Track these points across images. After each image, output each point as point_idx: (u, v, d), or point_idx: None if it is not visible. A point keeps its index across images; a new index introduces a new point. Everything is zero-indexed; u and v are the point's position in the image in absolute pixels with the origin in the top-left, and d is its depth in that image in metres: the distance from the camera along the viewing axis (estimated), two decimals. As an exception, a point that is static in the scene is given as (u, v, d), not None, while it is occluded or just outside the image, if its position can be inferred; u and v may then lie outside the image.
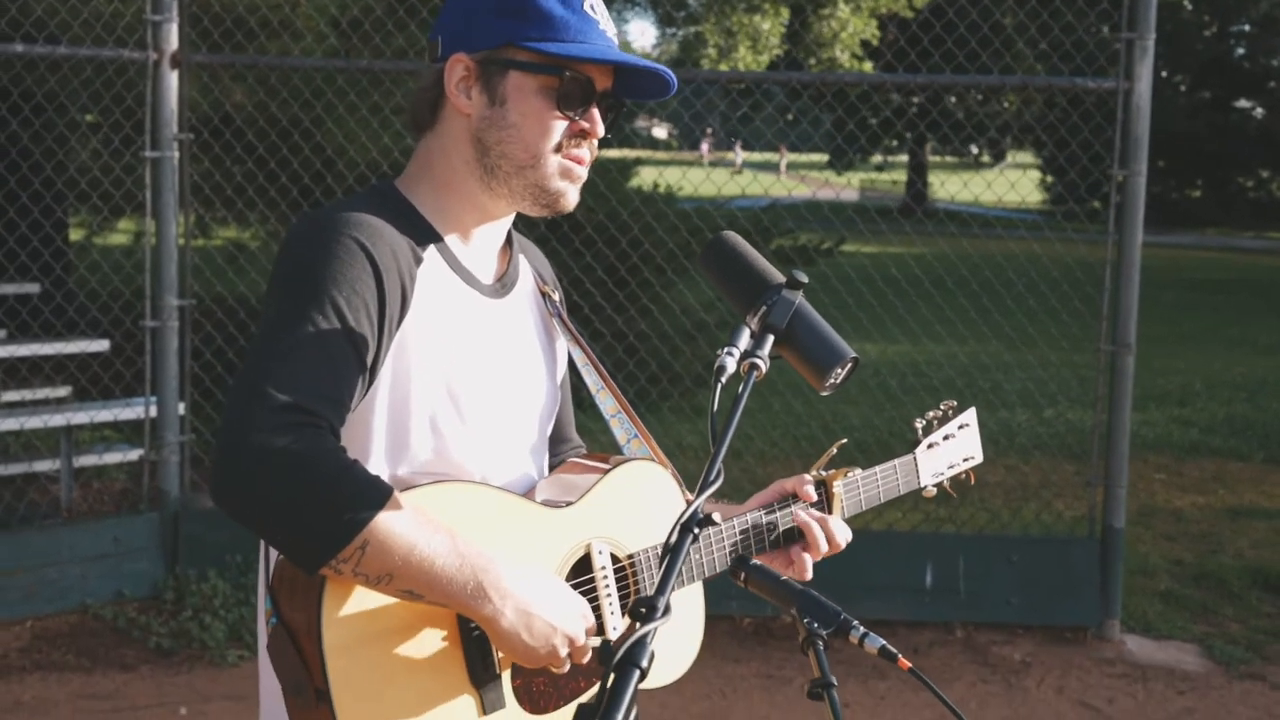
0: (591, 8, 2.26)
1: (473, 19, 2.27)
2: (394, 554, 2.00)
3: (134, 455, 7.44)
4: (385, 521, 1.98)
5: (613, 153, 12.90)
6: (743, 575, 2.17)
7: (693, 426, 9.73)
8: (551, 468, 2.57)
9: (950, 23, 7.57)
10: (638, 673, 1.61)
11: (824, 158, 46.24)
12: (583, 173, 2.31)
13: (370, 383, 2.15)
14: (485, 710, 2.20)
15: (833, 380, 2.08)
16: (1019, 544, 6.76)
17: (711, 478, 1.83)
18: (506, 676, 2.23)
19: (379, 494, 1.99)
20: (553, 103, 2.25)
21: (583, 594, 2.28)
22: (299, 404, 1.99)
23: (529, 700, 2.27)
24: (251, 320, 7.12)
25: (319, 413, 2.01)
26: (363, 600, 2.07)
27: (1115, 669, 6.29)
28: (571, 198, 2.32)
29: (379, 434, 2.21)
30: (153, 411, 6.68)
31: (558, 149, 2.27)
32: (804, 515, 2.54)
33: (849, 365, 2.08)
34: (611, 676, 1.61)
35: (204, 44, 6.69)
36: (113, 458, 7.65)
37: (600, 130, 2.30)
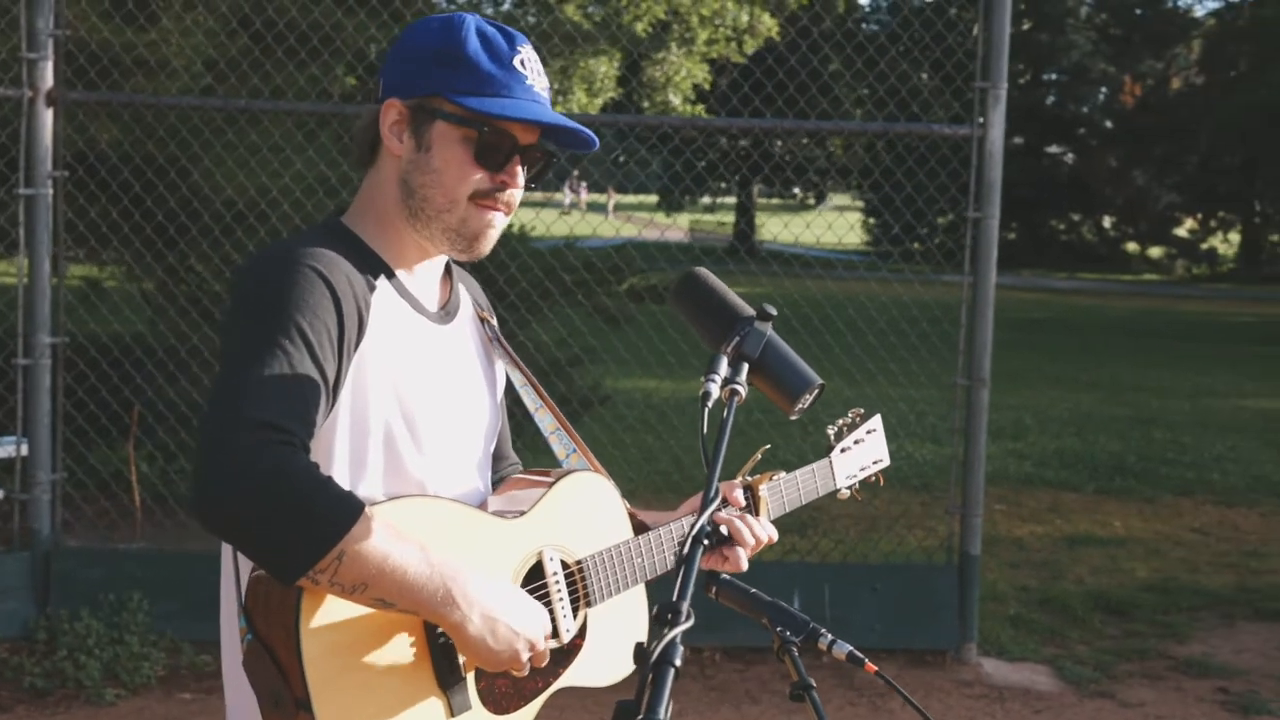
0: (521, 64, 2.40)
1: (409, 66, 2.42)
2: (369, 564, 2.11)
3: (-1, 494, 7.34)
4: (360, 533, 2.10)
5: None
6: (714, 589, 2.34)
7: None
8: (495, 483, 2.73)
9: (791, 69, 7.86)
10: (673, 670, 1.76)
11: (652, 198, 46.75)
12: (498, 221, 2.45)
13: (332, 404, 2.27)
14: (453, 712, 2.34)
15: (801, 405, 2.26)
16: (881, 572, 7.01)
17: (711, 495, 1.98)
18: (471, 679, 2.37)
19: (353, 507, 2.11)
20: (472, 154, 2.39)
21: (536, 598, 2.43)
22: (274, 422, 2.10)
23: (492, 702, 2.42)
24: (125, 358, 7.09)
25: (293, 430, 2.12)
26: (336, 612, 2.19)
27: (974, 690, 6.55)
28: (485, 245, 2.45)
29: (340, 453, 2.33)
30: (24, 450, 6.62)
31: (474, 197, 2.40)
32: (725, 515, 2.76)
33: (816, 391, 2.26)
34: (650, 676, 1.75)
35: (79, 82, 6.68)
36: (-20, 497, 7.54)
37: (518, 183, 2.44)
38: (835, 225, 9.06)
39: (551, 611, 2.48)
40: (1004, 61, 6.64)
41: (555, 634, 2.47)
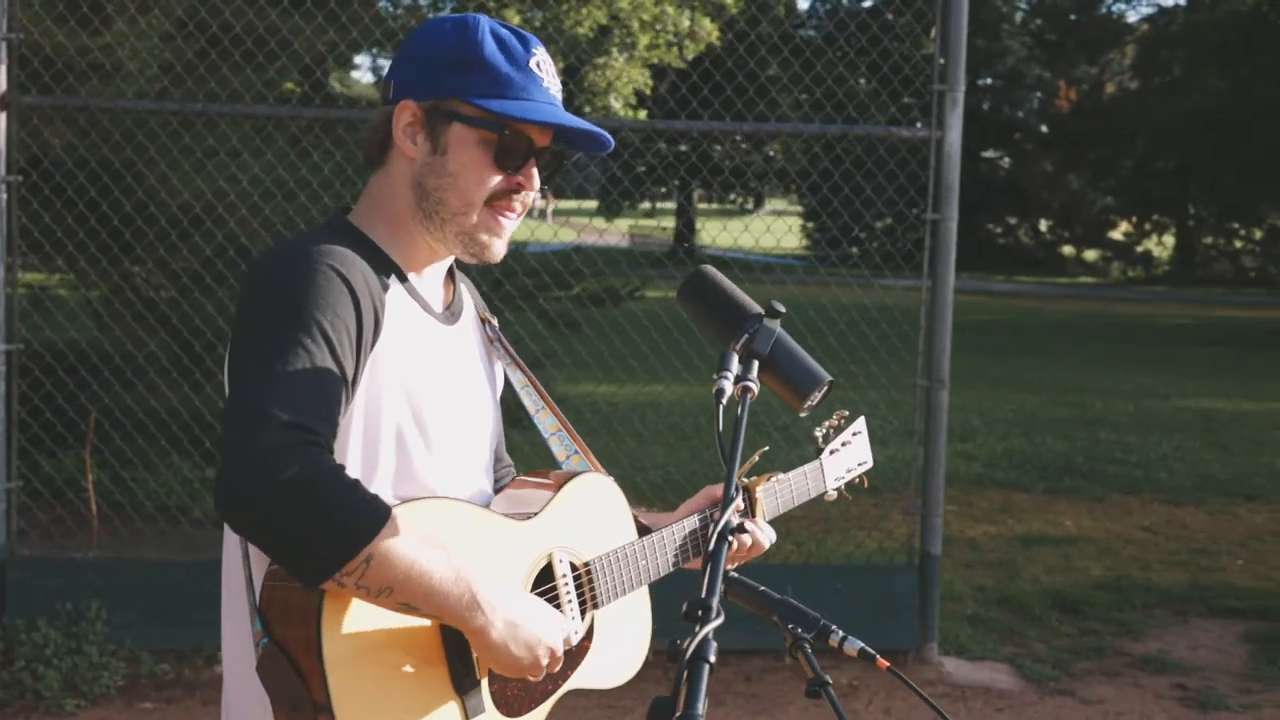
0: (537, 65, 2.39)
1: (424, 69, 2.39)
2: (396, 568, 2.10)
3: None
4: (388, 537, 2.08)
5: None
6: (724, 588, 2.33)
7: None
8: (495, 484, 2.71)
9: (728, 72, 7.91)
10: (708, 667, 1.76)
11: (591, 203, 46.75)
12: (511, 225, 2.44)
13: (349, 402, 2.25)
14: (468, 715, 2.33)
15: (811, 402, 2.26)
16: (842, 573, 7.04)
17: (732, 494, 1.98)
18: (485, 683, 2.36)
19: (380, 511, 2.09)
20: (490, 157, 2.37)
21: (546, 600, 2.43)
22: (301, 422, 2.08)
23: (505, 705, 2.41)
24: (80, 365, 7.01)
25: (319, 431, 2.10)
26: (357, 616, 2.18)
27: (936, 689, 6.58)
28: (497, 249, 2.44)
29: (353, 454, 2.31)
30: (-22, 458, 6.53)
31: (490, 201, 2.39)
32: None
33: (825, 388, 2.27)
34: (685, 673, 1.75)
35: (34, 86, 6.60)
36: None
37: (535, 185, 2.43)
38: (774, 228, 9.08)
39: (561, 613, 2.47)
40: (961, 65, 6.69)
41: (566, 640, 2.47)
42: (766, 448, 2.94)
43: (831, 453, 3.03)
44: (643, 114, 27.39)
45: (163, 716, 6.01)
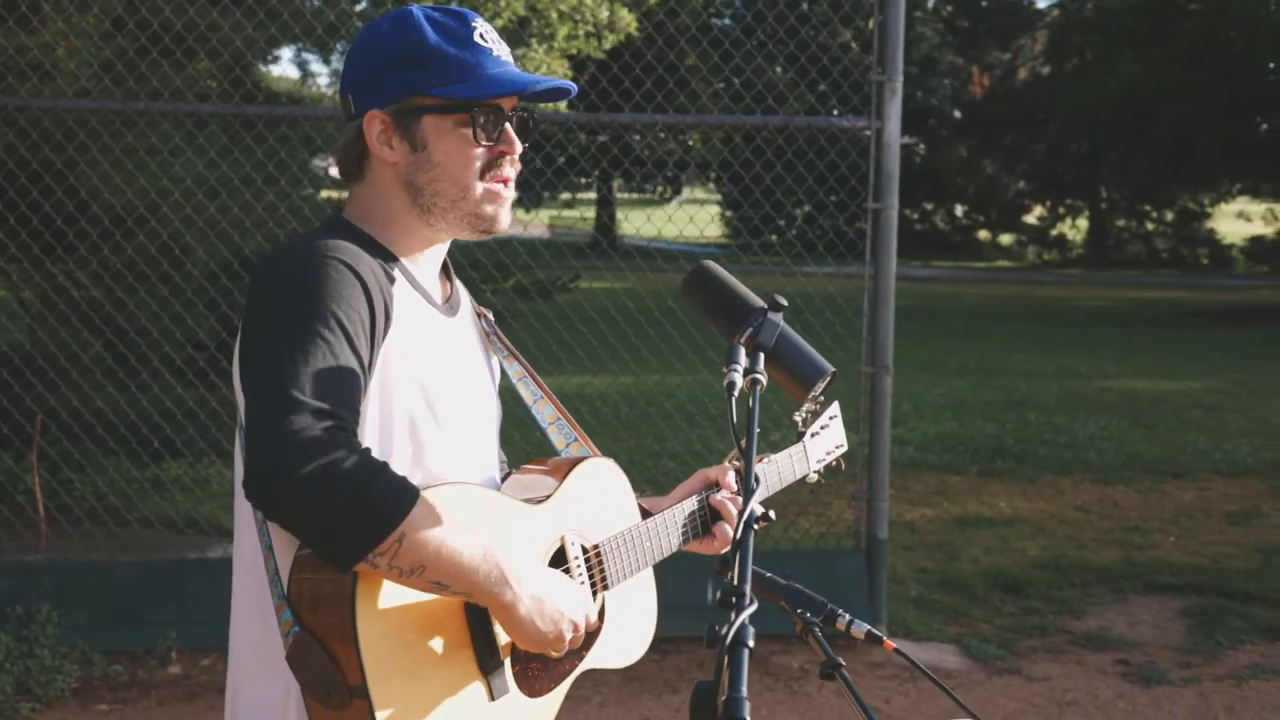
0: (481, 37, 2.43)
1: (376, 74, 2.44)
2: (427, 546, 2.15)
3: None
4: (418, 517, 2.14)
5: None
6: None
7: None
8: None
9: (648, 64, 7.98)
10: (747, 651, 1.82)
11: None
12: (509, 192, 2.51)
13: (366, 392, 2.30)
14: (493, 696, 2.39)
15: (815, 392, 2.33)
16: (791, 558, 7.13)
17: (753, 484, 2.04)
18: (508, 664, 2.43)
19: (410, 492, 2.15)
20: (469, 136, 2.43)
21: None
22: (328, 409, 2.14)
23: (526, 684, 2.48)
24: (25, 367, 6.96)
25: (345, 417, 2.16)
26: (389, 598, 2.23)
27: (886, 671, 6.68)
28: (503, 218, 2.50)
29: (369, 441, 2.35)
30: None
31: (483, 175, 2.45)
32: (719, 498, 2.88)
33: (828, 379, 2.34)
34: (726, 658, 1.81)
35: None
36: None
37: (519, 147, 2.49)
38: (697, 218, 9.14)
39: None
40: (899, 54, 6.77)
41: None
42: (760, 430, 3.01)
43: (813, 436, 3.12)
44: (563, 105, 27.38)
45: (119, 718, 5.99)
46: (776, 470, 3.06)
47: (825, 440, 3.18)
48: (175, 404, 7.10)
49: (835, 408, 3.23)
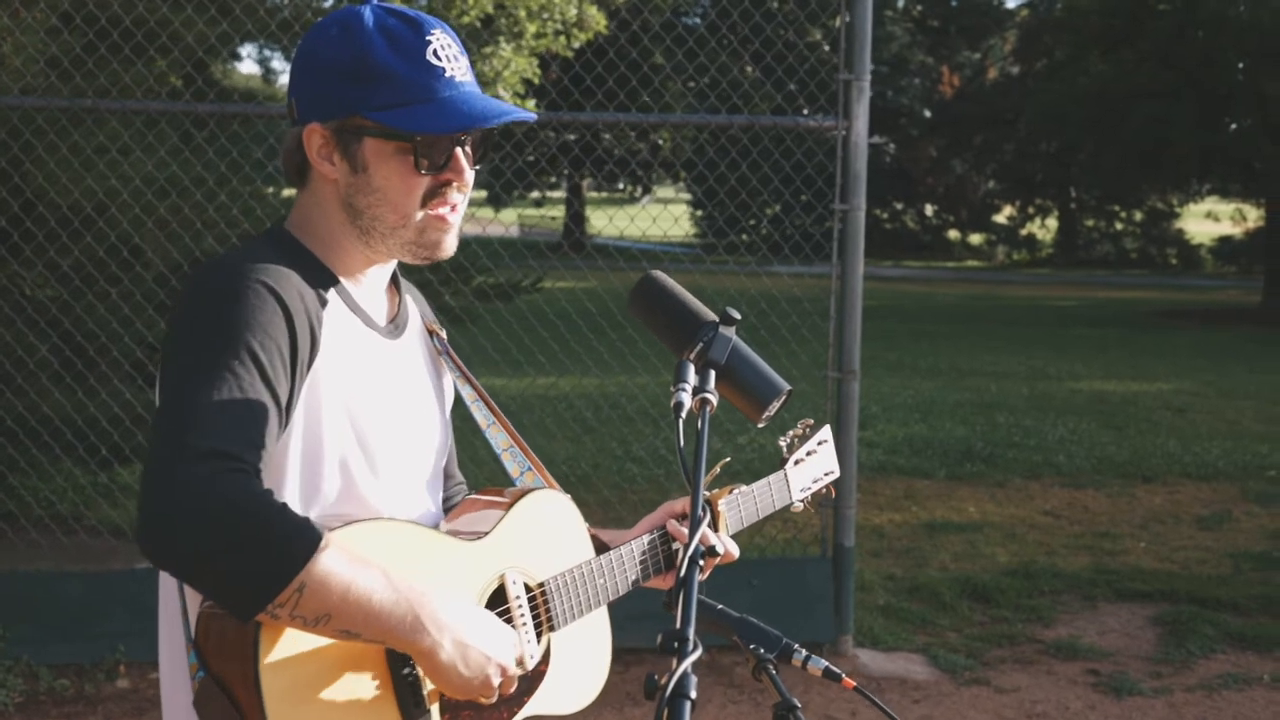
0: (435, 54, 2.24)
1: (320, 84, 2.26)
2: (331, 594, 1.99)
3: None
4: (321, 562, 1.98)
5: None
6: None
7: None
8: (445, 504, 2.61)
9: (610, 62, 7.84)
10: (689, 704, 1.67)
11: (479, 193, 46.49)
12: (455, 218, 2.32)
13: (285, 425, 2.15)
14: None
15: (769, 412, 2.18)
16: (757, 567, 6.98)
17: (699, 514, 1.88)
18: (435, 711, 2.25)
19: (312, 536, 1.98)
20: (411, 164, 2.24)
21: None
22: (223, 449, 1.97)
23: None
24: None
25: (243, 457, 2.00)
26: (297, 646, 2.07)
27: (853, 682, 6.55)
28: (448, 245, 2.33)
29: (292, 476, 2.21)
30: None
31: (425, 203, 2.27)
32: (680, 528, 2.65)
33: (784, 398, 2.18)
34: (666, 711, 1.66)
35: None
36: None
37: (468, 175, 2.30)
38: (661, 219, 9.02)
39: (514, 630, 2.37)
40: (867, 53, 6.64)
41: (520, 660, 2.36)
42: (728, 459, 2.83)
43: (796, 463, 2.92)
44: (531, 104, 27.21)
45: (64, 733, 5.83)
46: (753, 501, 2.83)
47: (812, 467, 2.97)
48: (124, 409, 6.92)
49: (826, 431, 3.01)
